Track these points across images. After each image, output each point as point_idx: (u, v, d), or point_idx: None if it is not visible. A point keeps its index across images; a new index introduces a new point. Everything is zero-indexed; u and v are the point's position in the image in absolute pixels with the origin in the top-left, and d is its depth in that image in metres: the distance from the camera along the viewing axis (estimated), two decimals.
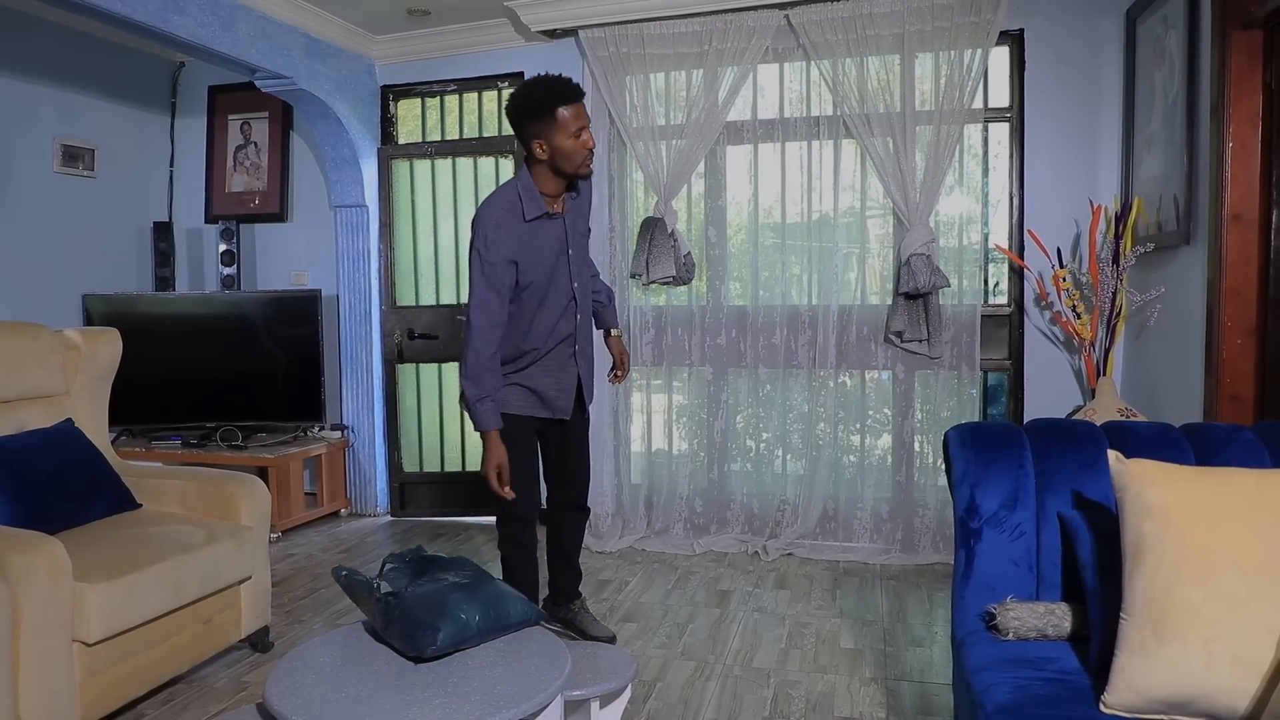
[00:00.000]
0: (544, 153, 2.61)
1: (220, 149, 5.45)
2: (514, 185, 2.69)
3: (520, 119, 2.63)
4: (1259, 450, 1.93)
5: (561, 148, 2.58)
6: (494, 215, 2.63)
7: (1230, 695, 1.48)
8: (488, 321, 2.63)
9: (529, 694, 1.78)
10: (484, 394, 2.65)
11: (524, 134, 2.64)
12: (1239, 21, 2.91)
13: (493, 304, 2.63)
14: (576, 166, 2.63)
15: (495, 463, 2.68)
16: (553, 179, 2.67)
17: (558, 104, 2.55)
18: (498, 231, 2.61)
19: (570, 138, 2.57)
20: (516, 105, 2.64)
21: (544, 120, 2.57)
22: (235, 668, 3.02)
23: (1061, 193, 4.03)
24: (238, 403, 4.93)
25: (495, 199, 2.69)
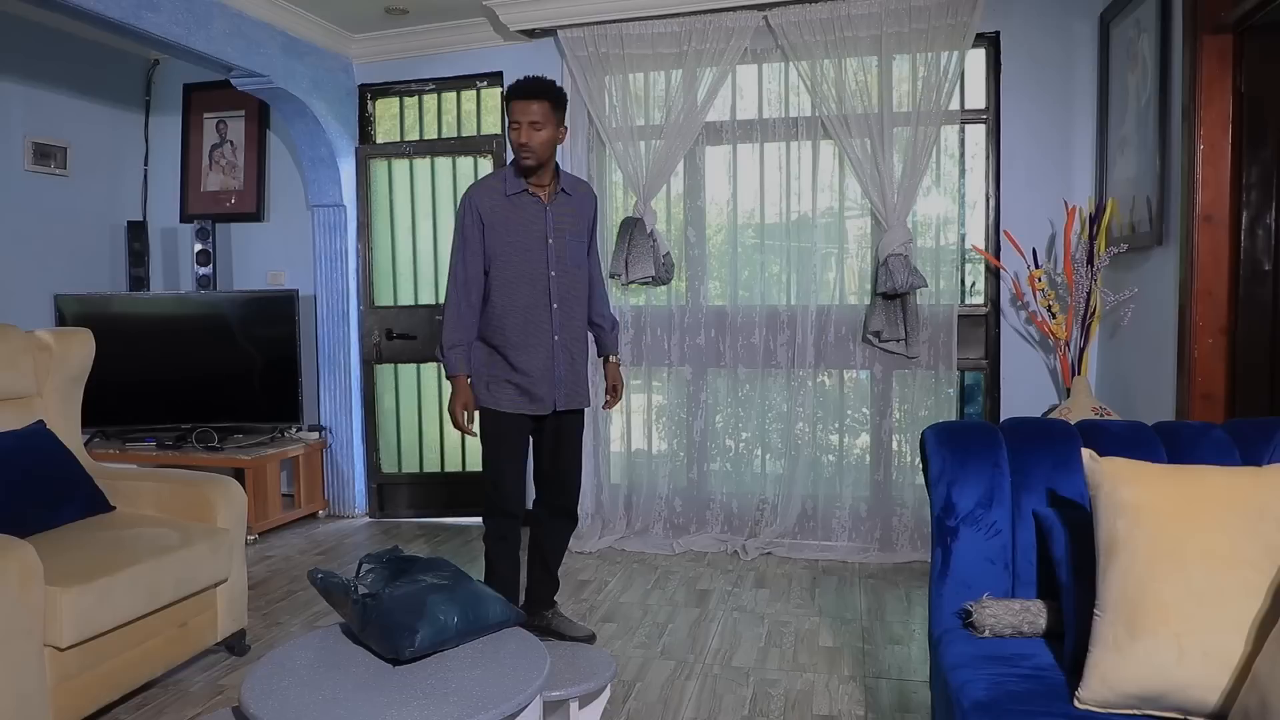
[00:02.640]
0: None
1: (196, 148, 5.40)
2: (495, 173, 3.08)
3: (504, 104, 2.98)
4: (1229, 448, 1.96)
5: (509, 135, 2.92)
6: (476, 186, 2.99)
7: (1201, 689, 1.50)
8: (460, 279, 2.92)
9: (507, 695, 1.78)
10: (453, 342, 2.92)
11: None
12: (1210, 26, 2.95)
13: (463, 262, 2.92)
14: (517, 154, 2.91)
15: (461, 402, 2.93)
16: (516, 165, 2.96)
17: (509, 97, 2.90)
18: (476, 194, 2.95)
19: (511, 129, 2.89)
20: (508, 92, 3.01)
21: (506, 111, 2.92)
22: (211, 671, 2.99)
23: (1037, 194, 4.07)
24: (214, 404, 4.89)
25: (482, 181, 3.04)
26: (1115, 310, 3.70)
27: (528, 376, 2.95)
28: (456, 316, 2.92)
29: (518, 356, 2.94)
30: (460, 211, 2.94)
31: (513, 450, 3.01)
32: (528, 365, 2.94)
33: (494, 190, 2.94)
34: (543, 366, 2.96)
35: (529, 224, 2.93)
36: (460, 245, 2.92)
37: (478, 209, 2.90)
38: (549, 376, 2.97)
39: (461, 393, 2.93)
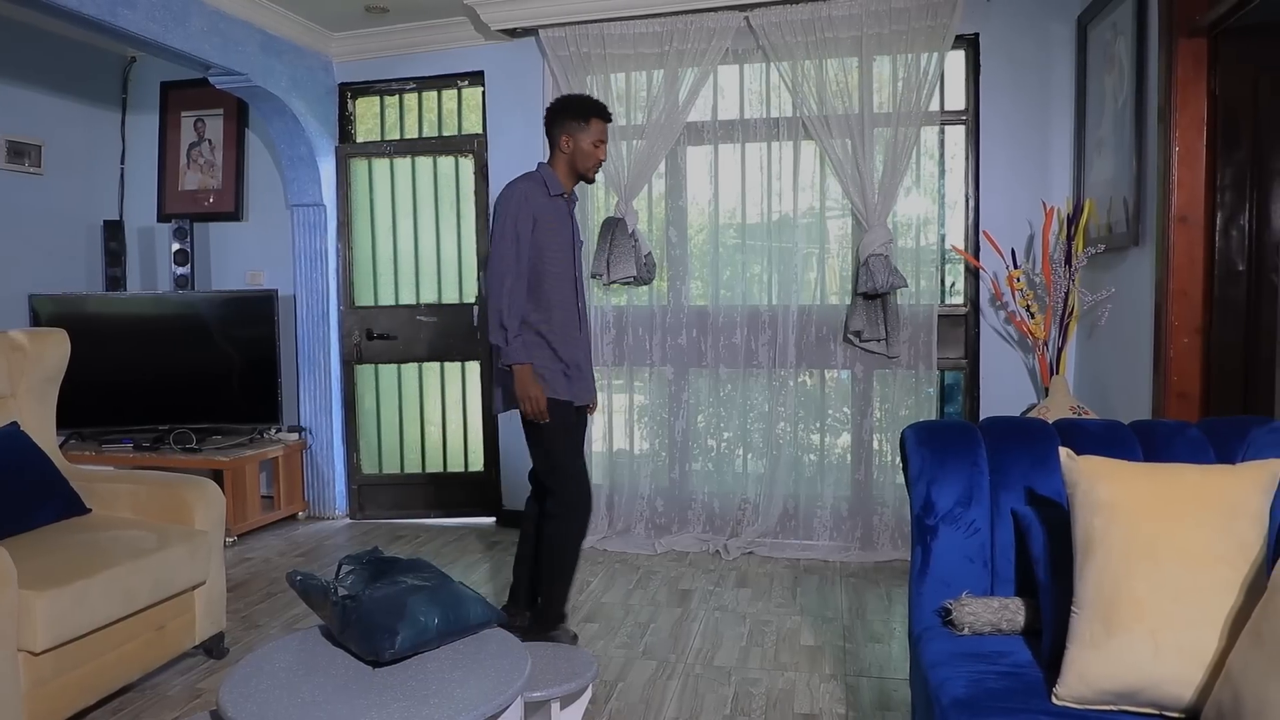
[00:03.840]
0: (567, 148, 3.03)
1: (173, 146, 5.35)
2: (536, 173, 3.06)
3: (562, 113, 3.04)
4: (1204, 446, 1.98)
5: (583, 148, 3.02)
6: (524, 185, 2.99)
7: (1176, 685, 1.52)
8: (514, 271, 2.89)
9: (489, 696, 1.77)
10: (516, 330, 2.89)
11: (557, 128, 3.04)
12: (1185, 29, 2.99)
13: (517, 255, 2.90)
14: (588, 168, 3.06)
15: (532, 393, 2.89)
16: (567, 173, 3.06)
17: (595, 115, 3.02)
18: (529, 191, 2.97)
19: (592, 144, 3.01)
20: (566, 100, 3.12)
21: (580, 121, 3.01)
22: (189, 675, 2.96)
23: (1016, 195, 4.11)
24: (192, 405, 4.84)
25: (521, 178, 3.03)
26: (1093, 310, 3.73)
27: (576, 369, 3.05)
28: (511, 305, 2.88)
29: (565, 350, 3.01)
30: (513, 206, 2.92)
31: (576, 439, 3.10)
32: (572, 358, 3.03)
33: (541, 189, 2.99)
34: (582, 360, 3.08)
35: (564, 226, 3.05)
36: (513, 238, 2.90)
37: (530, 208, 2.93)
38: (585, 370, 3.11)
39: (532, 380, 2.91)
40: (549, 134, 3.07)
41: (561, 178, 3.04)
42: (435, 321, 4.91)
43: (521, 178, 3.03)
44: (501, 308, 2.87)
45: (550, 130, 3.06)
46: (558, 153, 3.05)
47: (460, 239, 4.93)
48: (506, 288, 2.87)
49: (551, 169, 3.05)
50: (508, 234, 2.90)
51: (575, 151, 3.02)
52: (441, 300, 4.96)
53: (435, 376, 5.04)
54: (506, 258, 2.89)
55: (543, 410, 2.90)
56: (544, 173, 3.05)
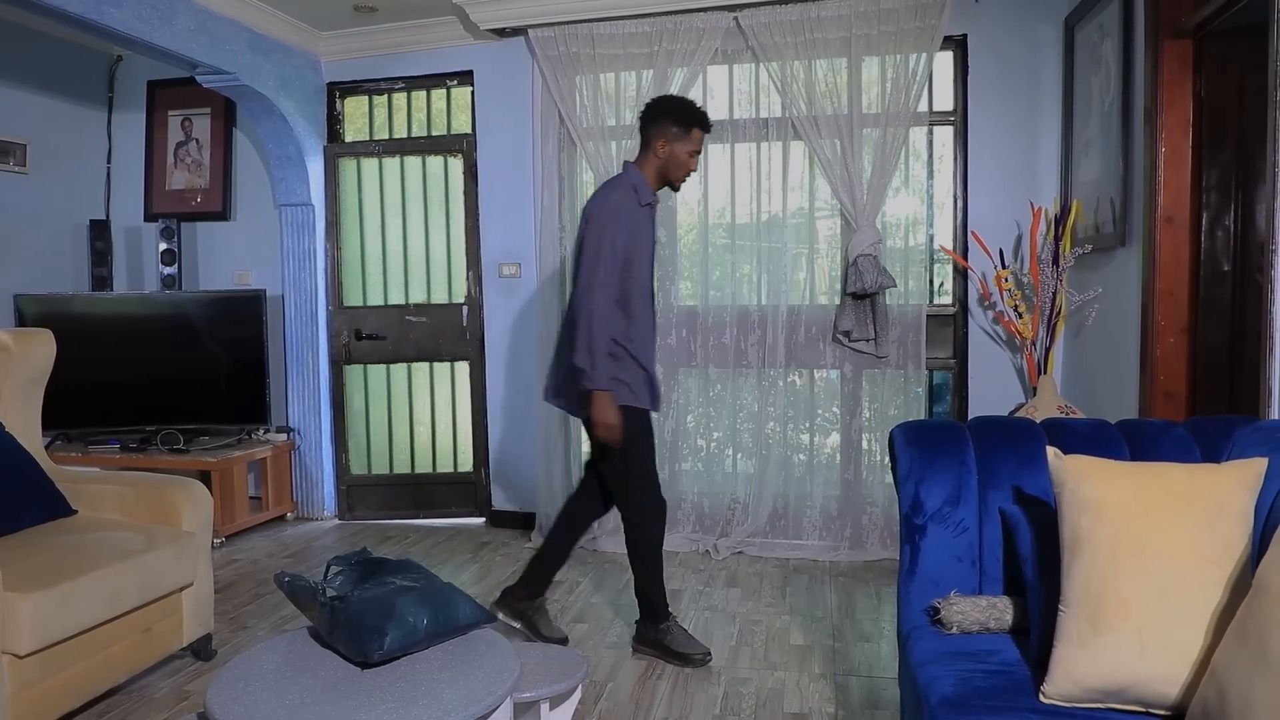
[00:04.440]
0: (662, 153, 2.93)
1: (160, 145, 5.32)
2: (626, 178, 2.97)
3: (662, 116, 2.94)
4: (1190, 445, 1.99)
5: (678, 157, 2.93)
6: (620, 194, 2.91)
7: (1162, 683, 1.53)
8: (611, 288, 2.83)
9: (478, 697, 1.77)
10: (606, 352, 2.83)
11: (655, 129, 2.93)
12: (1170, 31, 3.00)
13: (614, 272, 2.84)
14: (678, 177, 2.98)
15: (611, 420, 2.84)
16: (655, 178, 2.98)
17: (697, 124, 2.93)
18: (626, 203, 2.90)
19: (688, 154, 2.93)
20: (668, 103, 3.01)
21: (681, 128, 2.91)
22: (176, 677, 2.95)
23: (1003, 195, 4.12)
24: (179, 405, 4.82)
25: (616, 185, 2.96)
26: (1080, 310, 3.75)
27: (653, 376, 3.02)
28: (600, 328, 2.80)
29: (645, 358, 2.98)
30: (610, 224, 2.84)
31: (652, 444, 3.07)
32: (651, 366, 3.01)
33: (633, 201, 2.92)
34: (654, 366, 3.06)
35: (648, 234, 2.99)
36: (610, 256, 2.81)
37: (626, 222, 2.87)
38: (657, 381, 3.08)
39: (612, 408, 2.84)
40: (644, 132, 2.97)
41: (650, 182, 2.97)
42: (424, 322, 4.90)
43: (614, 188, 2.94)
44: (591, 329, 2.79)
45: (645, 128, 2.96)
46: (650, 155, 2.95)
47: (449, 239, 4.91)
48: (598, 309, 2.79)
49: (641, 173, 2.96)
50: (604, 253, 2.81)
51: (670, 159, 2.93)
52: (430, 300, 4.95)
53: (424, 377, 5.03)
54: (599, 277, 2.80)
55: (618, 439, 2.86)
56: (635, 178, 2.95)
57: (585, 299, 2.81)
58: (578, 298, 2.87)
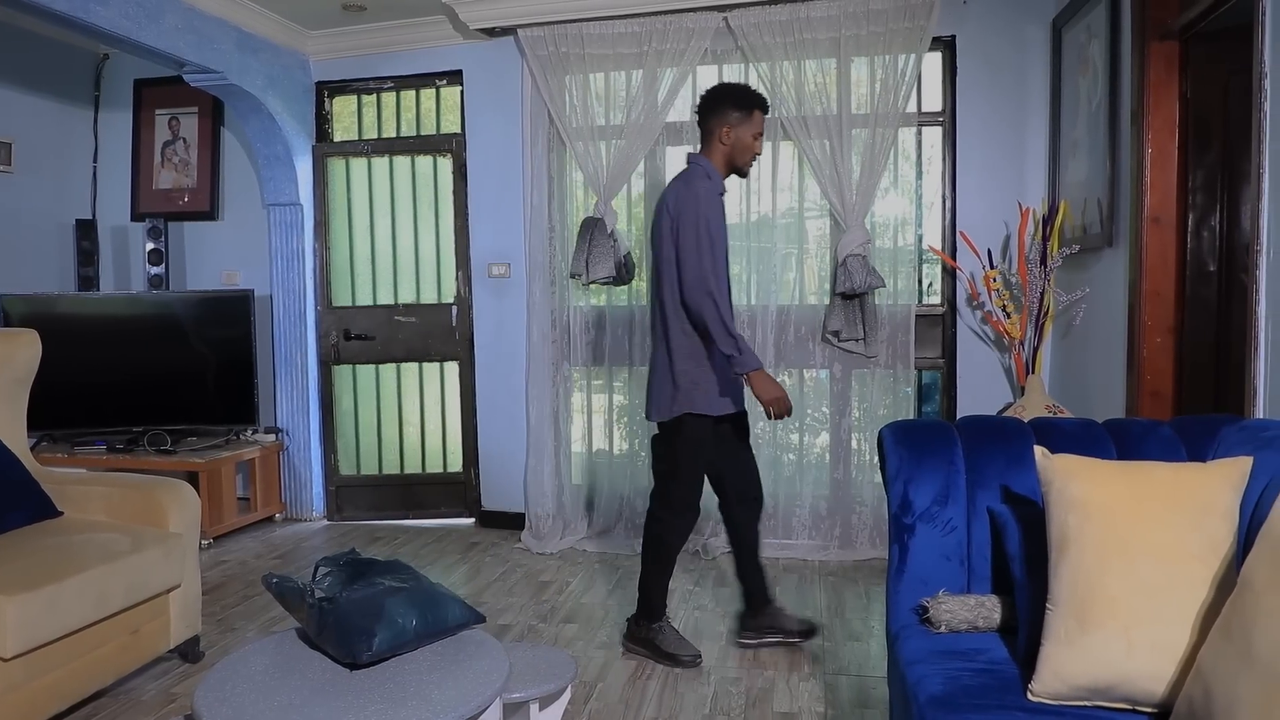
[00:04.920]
0: (727, 140, 2.91)
1: (147, 145, 5.29)
2: (699, 168, 2.94)
3: (721, 103, 2.93)
4: (1176, 444, 2.00)
5: (743, 141, 2.91)
6: (700, 183, 2.87)
7: (1149, 680, 1.53)
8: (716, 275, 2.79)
9: (467, 698, 1.77)
10: (741, 338, 2.80)
11: (716, 118, 2.92)
12: (1157, 33, 3.02)
13: (711, 258, 2.79)
14: (745, 161, 2.95)
15: (777, 393, 2.82)
16: (724, 164, 2.96)
17: (757, 106, 2.92)
18: (709, 193, 2.86)
19: (752, 137, 2.91)
20: (725, 89, 2.98)
21: (743, 112, 2.90)
22: (164, 679, 2.93)
23: (992, 195, 4.14)
24: (166, 406, 4.79)
25: (694, 175, 2.92)
26: (1068, 310, 3.77)
27: (728, 379, 2.96)
28: (725, 311, 2.78)
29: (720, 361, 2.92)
30: (702, 210, 2.81)
31: (709, 450, 3.03)
32: (727, 369, 2.94)
33: (713, 186, 2.89)
34: None
35: (724, 223, 2.95)
36: (708, 243, 2.79)
37: (717, 209, 2.84)
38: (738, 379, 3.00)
39: (772, 381, 2.82)
40: (703, 123, 2.96)
41: (720, 171, 2.95)
42: (414, 322, 4.89)
43: (693, 177, 2.90)
44: (721, 316, 2.76)
45: (706, 119, 2.95)
46: (715, 144, 2.93)
47: (438, 239, 4.90)
48: (717, 294, 2.76)
49: (710, 162, 2.94)
50: (703, 240, 2.79)
51: (735, 144, 2.91)
52: (420, 300, 4.94)
53: (413, 377, 5.02)
54: (706, 264, 2.77)
55: (788, 408, 2.83)
56: (707, 168, 2.93)
57: (703, 290, 2.77)
58: (691, 295, 2.80)
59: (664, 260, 2.91)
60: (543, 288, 4.52)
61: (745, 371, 2.80)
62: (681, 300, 2.86)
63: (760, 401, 2.82)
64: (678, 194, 2.87)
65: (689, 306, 2.83)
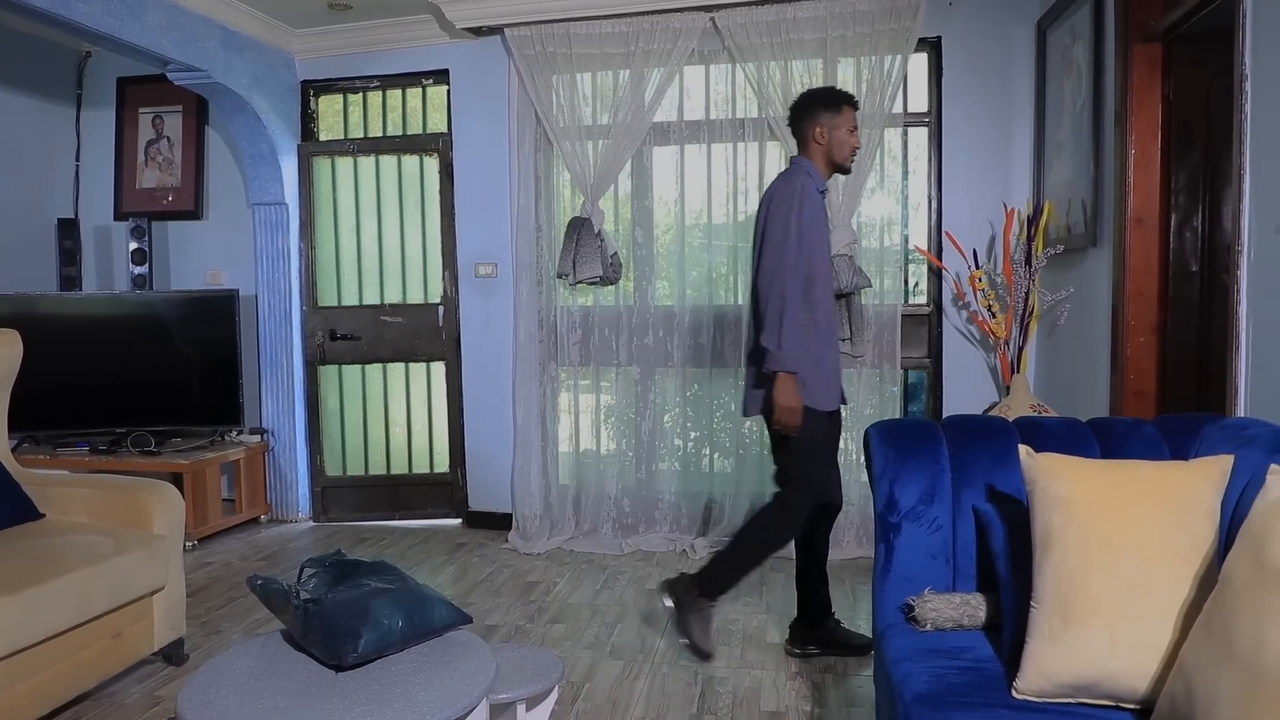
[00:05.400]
0: (822, 139, 2.92)
1: (130, 143, 5.25)
2: (800, 167, 2.93)
3: (812, 105, 2.95)
4: (1159, 443, 2.02)
5: (838, 137, 2.91)
6: (800, 178, 2.86)
7: (1131, 677, 1.55)
8: (791, 272, 2.77)
9: (453, 699, 1.76)
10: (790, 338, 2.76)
11: (808, 120, 2.93)
12: (1140, 35, 3.05)
13: (795, 254, 2.78)
14: (844, 156, 2.94)
15: (793, 404, 2.78)
16: (824, 164, 2.95)
17: (845, 102, 2.93)
18: (805, 189, 2.84)
19: (847, 131, 2.91)
20: (811, 94, 3.01)
21: (832, 111, 2.91)
22: (147, 682, 2.91)
23: (977, 196, 4.16)
24: (150, 407, 4.76)
25: (794, 172, 2.91)
26: (1052, 310, 3.79)
27: (835, 374, 2.96)
28: (790, 309, 2.75)
29: (828, 355, 2.92)
30: (795, 204, 2.79)
31: (832, 449, 3.04)
32: (834, 364, 2.95)
33: (813, 184, 2.87)
34: (838, 364, 3.00)
35: (824, 223, 2.93)
36: (796, 238, 2.77)
37: (813, 207, 2.82)
38: (840, 372, 3.02)
39: (794, 392, 2.78)
40: (796, 130, 2.97)
41: (821, 171, 2.94)
42: (400, 322, 4.87)
43: (793, 174, 2.89)
44: (784, 311, 2.73)
45: (798, 125, 2.96)
46: (812, 145, 2.93)
47: (425, 238, 4.89)
48: (790, 291, 2.74)
49: (811, 162, 2.93)
50: (791, 233, 2.77)
51: (831, 142, 2.90)
52: (406, 300, 4.93)
53: (400, 377, 5.00)
54: (788, 261, 2.75)
55: (796, 424, 2.79)
56: (807, 166, 2.91)
57: (775, 282, 2.76)
58: (764, 284, 2.80)
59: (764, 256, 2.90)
60: (530, 288, 4.51)
61: (777, 370, 2.76)
62: (754, 283, 2.87)
63: (775, 405, 2.78)
64: (777, 190, 2.87)
65: (758, 291, 2.83)
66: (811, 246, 2.81)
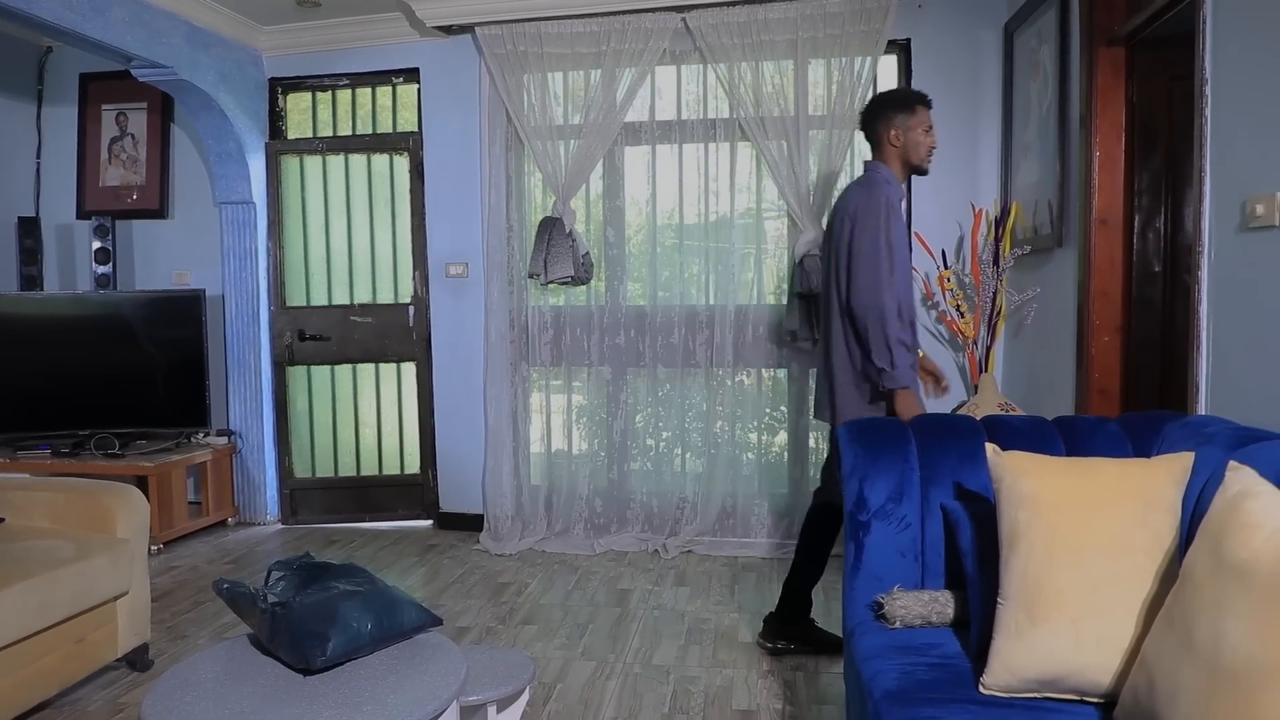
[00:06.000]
0: (897, 141, 2.88)
1: (93, 140, 5.16)
2: (878, 174, 2.89)
3: (885, 107, 2.91)
4: (1122, 440, 2.05)
5: (914, 137, 2.87)
6: (880, 190, 2.81)
7: (1096, 671, 1.57)
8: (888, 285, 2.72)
9: (423, 702, 1.75)
10: (899, 353, 2.73)
11: (882, 123, 2.90)
12: (1104, 39, 3.09)
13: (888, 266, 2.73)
14: (921, 157, 2.90)
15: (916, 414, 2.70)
16: (900, 167, 2.91)
17: (919, 102, 2.89)
18: (892, 198, 2.81)
19: (924, 131, 2.87)
20: (882, 96, 2.97)
21: (906, 112, 2.87)
22: (111, 689, 2.86)
23: (946, 197, 4.20)
24: (114, 409, 4.68)
25: (874, 181, 2.86)
26: (1019, 309, 3.84)
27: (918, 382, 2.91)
28: (892, 321, 2.70)
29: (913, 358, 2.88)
30: (882, 215, 2.76)
31: None
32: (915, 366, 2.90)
33: (894, 192, 2.83)
34: None
35: (905, 227, 2.89)
36: (886, 249, 2.72)
37: (896, 213, 2.79)
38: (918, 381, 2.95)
39: (918, 405, 2.75)
40: (870, 134, 2.93)
41: (897, 175, 2.90)
42: (370, 322, 4.83)
43: (873, 183, 2.84)
44: (885, 326, 2.69)
45: (872, 129, 2.92)
46: (887, 148, 2.89)
47: (395, 238, 4.85)
48: (888, 307, 2.70)
49: (887, 167, 2.90)
50: (881, 245, 2.72)
51: (907, 143, 2.87)
52: (376, 300, 4.89)
53: (370, 378, 4.96)
54: (883, 275, 2.71)
55: None
56: (885, 173, 2.88)
57: (871, 299, 2.71)
58: (859, 303, 2.74)
59: (839, 265, 2.85)
60: (501, 288, 4.50)
61: (895, 388, 2.73)
62: (847, 305, 2.80)
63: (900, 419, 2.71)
64: (859, 200, 2.81)
65: (854, 313, 2.78)
66: (902, 261, 2.79)
